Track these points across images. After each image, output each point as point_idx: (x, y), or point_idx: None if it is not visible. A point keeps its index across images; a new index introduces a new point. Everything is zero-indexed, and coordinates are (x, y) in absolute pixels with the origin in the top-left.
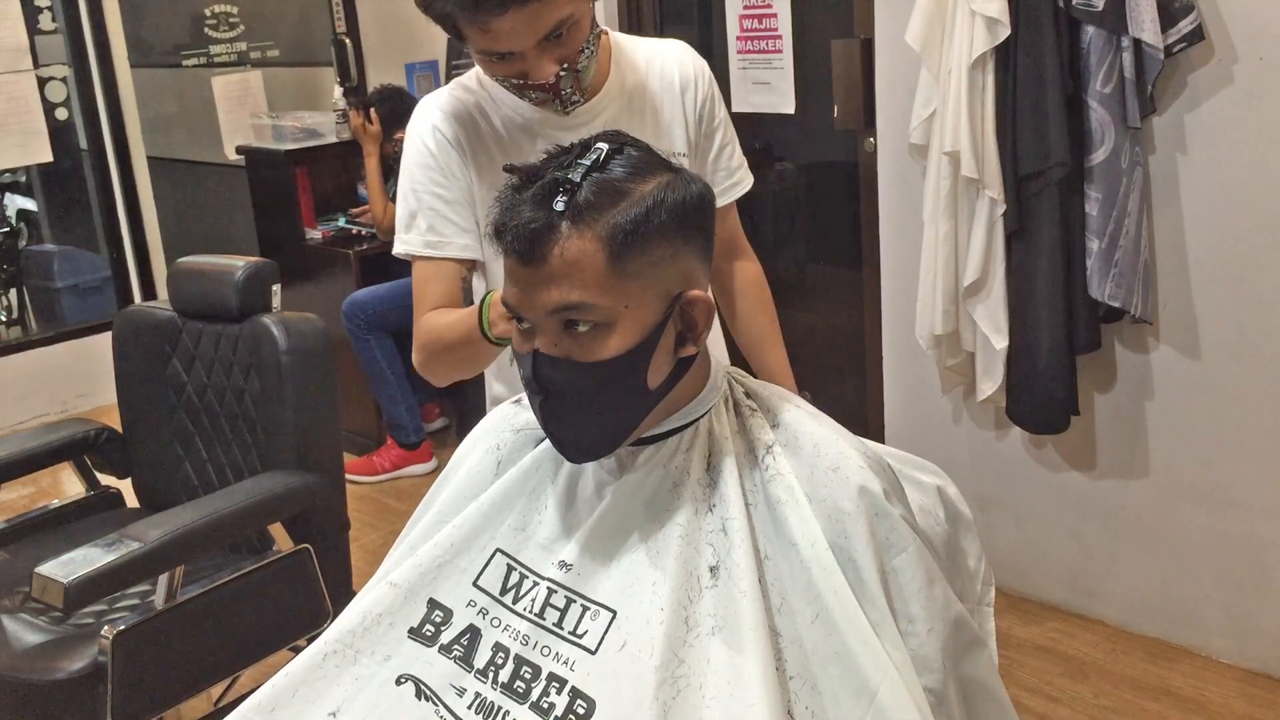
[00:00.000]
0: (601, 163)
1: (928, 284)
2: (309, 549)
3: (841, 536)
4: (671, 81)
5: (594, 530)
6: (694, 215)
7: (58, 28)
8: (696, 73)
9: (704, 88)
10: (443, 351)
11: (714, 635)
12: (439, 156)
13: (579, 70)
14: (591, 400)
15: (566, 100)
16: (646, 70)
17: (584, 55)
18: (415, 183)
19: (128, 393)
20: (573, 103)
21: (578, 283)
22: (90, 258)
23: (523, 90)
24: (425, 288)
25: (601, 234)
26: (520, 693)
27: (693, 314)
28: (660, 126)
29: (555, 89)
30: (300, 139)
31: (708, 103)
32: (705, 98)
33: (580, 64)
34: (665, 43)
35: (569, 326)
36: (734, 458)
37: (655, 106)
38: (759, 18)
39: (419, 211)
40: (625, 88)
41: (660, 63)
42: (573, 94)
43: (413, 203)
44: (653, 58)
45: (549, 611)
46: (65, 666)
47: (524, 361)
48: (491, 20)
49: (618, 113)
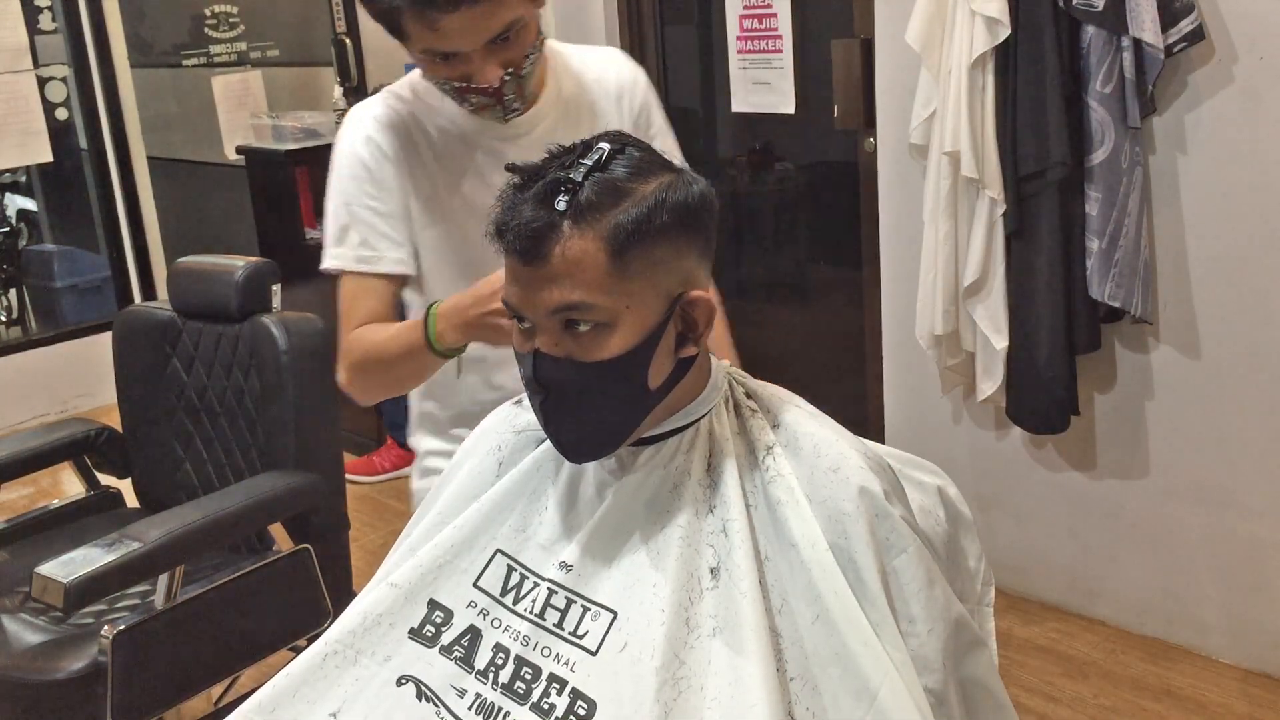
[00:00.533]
0: (603, 162)
1: (928, 284)
2: (309, 549)
3: (842, 537)
4: (608, 89)
5: (594, 531)
6: (695, 215)
7: (58, 28)
8: (633, 79)
9: (640, 94)
10: (378, 367)
11: (715, 636)
12: (373, 169)
13: (523, 76)
14: (592, 400)
15: (508, 107)
16: (581, 78)
17: (529, 60)
18: (347, 195)
19: (128, 393)
20: (513, 110)
21: (579, 282)
22: (90, 258)
23: (464, 95)
24: (354, 304)
25: (603, 234)
26: (521, 694)
27: (694, 314)
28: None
29: (498, 94)
30: (300, 139)
31: (644, 110)
32: (641, 104)
33: (525, 69)
34: (600, 50)
35: (570, 326)
36: (734, 458)
37: (591, 115)
38: (759, 18)
39: (351, 225)
40: (562, 96)
41: (597, 70)
42: (514, 100)
43: (344, 216)
44: (588, 65)
45: (549, 612)
46: (65, 666)
47: (524, 361)
48: (441, 18)
49: (555, 122)
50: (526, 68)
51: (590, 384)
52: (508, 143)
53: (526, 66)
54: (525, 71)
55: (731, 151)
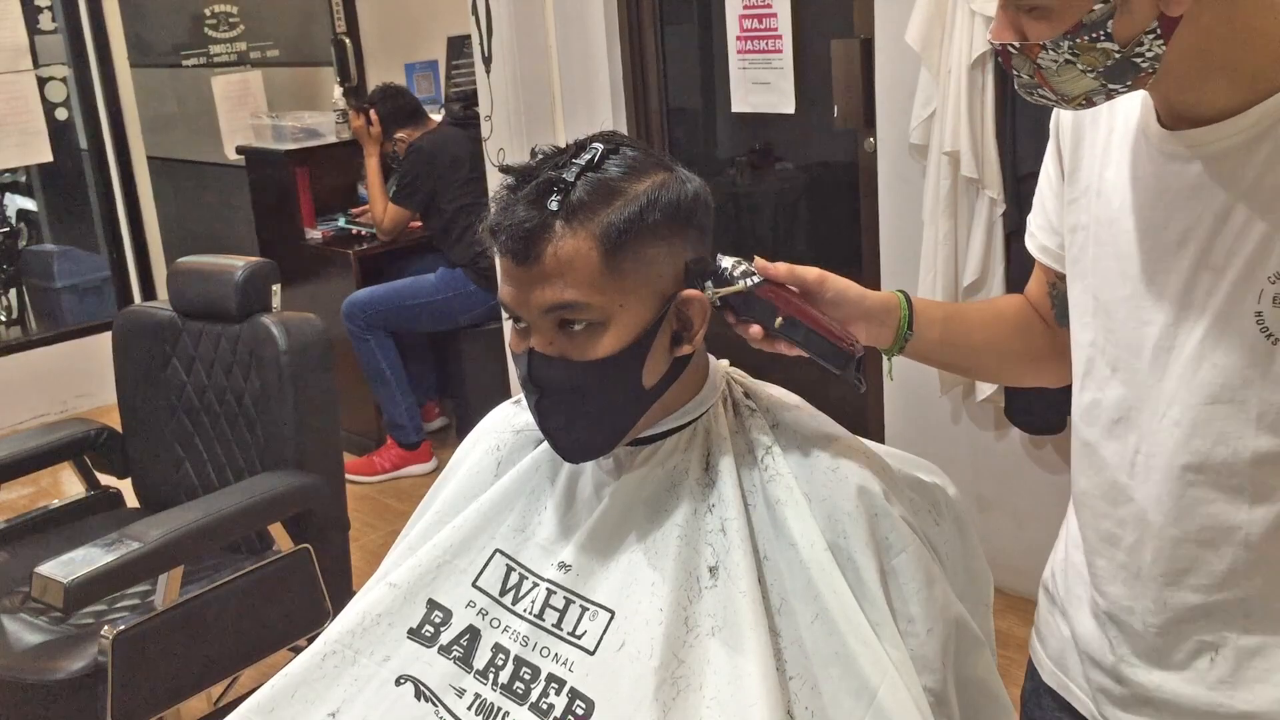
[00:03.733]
0: (596, 162)
1: (927, 283)
2: (309, 549)
3: (841, 536)
4: None
5: (593, 531)
6: (688, 214)
7: (58, 28)
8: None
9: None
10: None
11: (714, 636)
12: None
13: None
14: (587, 399)
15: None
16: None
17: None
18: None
19: (127, 393)
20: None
21: (571, 281)
22: (90, 258)
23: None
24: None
25: (595, 233)
26: (520, 693)
27: (688, 313)
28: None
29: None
30: (300, 139)
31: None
32: None
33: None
34: None
35: (564, 326)
36: (733, 457)
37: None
38: (759, 18)
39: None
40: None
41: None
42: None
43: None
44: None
45: (548, 612)
46: (65, 666)
47: (520, 361)
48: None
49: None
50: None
51: (585, 383)
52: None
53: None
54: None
55: (731, 151)
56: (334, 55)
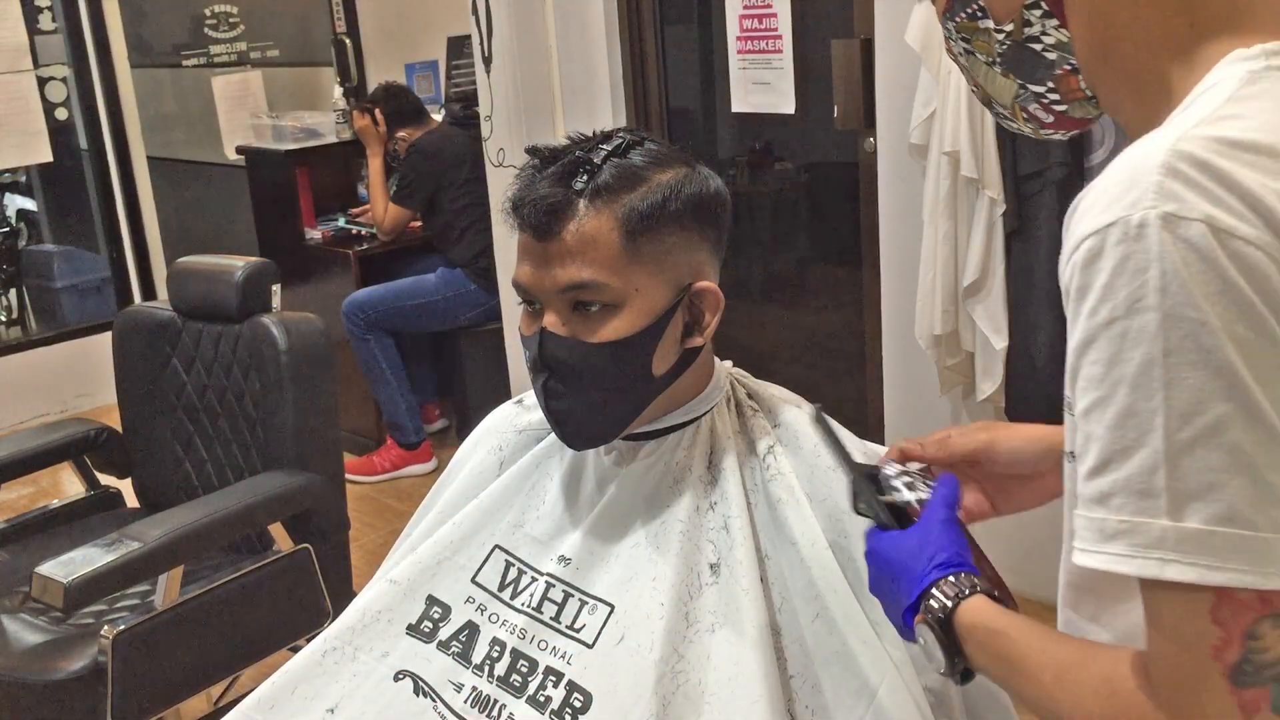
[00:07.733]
0: (622, 150)
1: (927, 284)
2: (309, 549)
3: (842, 536)
4: None
5: (594, 524)
6: (708, 209)
7: (58, 28)
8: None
9: None
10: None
11: (714, 632)
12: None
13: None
14: (595, 381)
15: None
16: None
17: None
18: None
19: (128, 393)
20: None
21: (590, 260)
22: (90, 258)
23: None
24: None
25: (618, 215)
26: (517, 686)
27: (701, 305)
28: None
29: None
30: (300, 139)
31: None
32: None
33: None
34: None
35: (578, 307)
36: (735, 456)
37: None
38: (759, 18)
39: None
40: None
41: None
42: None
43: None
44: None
45: (546, 606)
46: (65, 666)
47: (530, 343)
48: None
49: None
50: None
51: (594, 364)
52: None
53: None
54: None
55: (731, 151)
56: (334, 55)
